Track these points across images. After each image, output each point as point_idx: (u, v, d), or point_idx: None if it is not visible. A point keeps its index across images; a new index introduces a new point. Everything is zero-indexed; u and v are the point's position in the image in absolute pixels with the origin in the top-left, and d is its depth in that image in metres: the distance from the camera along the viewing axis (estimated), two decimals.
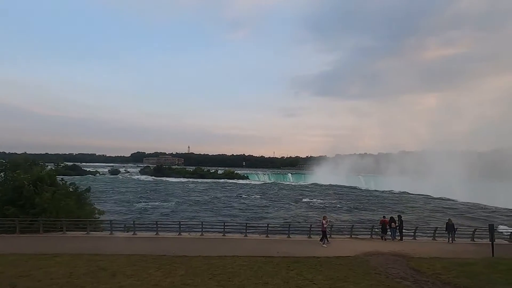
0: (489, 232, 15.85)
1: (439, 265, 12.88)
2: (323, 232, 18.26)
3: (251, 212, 40.45)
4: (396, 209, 43.10)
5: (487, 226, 16.53)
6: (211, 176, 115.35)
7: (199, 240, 19.32)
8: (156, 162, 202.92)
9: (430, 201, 60.22)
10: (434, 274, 11.42)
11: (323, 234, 18.26)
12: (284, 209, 43.40)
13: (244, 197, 57.94)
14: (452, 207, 51.77)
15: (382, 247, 18.07)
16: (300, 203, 50.84)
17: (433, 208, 49.15)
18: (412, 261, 14.58)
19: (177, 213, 37.67)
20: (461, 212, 45.81)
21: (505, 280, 9.43)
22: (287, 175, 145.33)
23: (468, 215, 43.02)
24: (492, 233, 15.76)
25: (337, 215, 39.01)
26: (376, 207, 47.28)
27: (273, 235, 20.70)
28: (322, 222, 18.44)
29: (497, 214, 45.08)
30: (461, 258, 14.40)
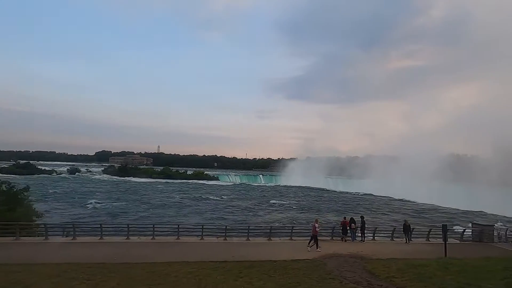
0: (442, 232, 16.02)
1: (395, 267, 12.54)
2: (314, 236, 17.27)
3: (213, 213, 38.97)
4: (360, 210, 44.10)
5: (441, 227, 16.69)
6: (180, 176, 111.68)
7: (149, 244, 17.64)
8: (123, 162, 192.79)
9: (392, 202, 62.77)
10: (389, 277, 10.97)
11: (314, 238, 17.25)
12: (248, 211, 42.45)
13: (211, 198, 56.23)
14: (411, 208, 54.23)
15: (341, 249, 17.69)
16: (266, 205, 50.22)
17: (393, 209, 51.03)
18: (369, 263, 14.20)
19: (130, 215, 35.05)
20: (418, 212, 48.01)
21: (456, 283, 9.13)
22: (258, 176, 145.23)
23: (425, 215, 45.14)
24: (445, 233, 15.94)
25: (302, 216, 38.87)
26: (341, 209, 48.02)
27: (232, 238, 19.58)
28: (314, 226, 17.59)
29: (451, 214, 47.80)
30: (416, 259, 14.28)
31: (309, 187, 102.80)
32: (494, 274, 9.74)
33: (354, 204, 57.15)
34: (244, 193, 68.99)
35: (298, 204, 52.91)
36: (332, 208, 48.64)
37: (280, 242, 19.42)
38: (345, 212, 39.34)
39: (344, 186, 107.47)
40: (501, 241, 21.81)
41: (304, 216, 38.78)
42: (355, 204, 57.12)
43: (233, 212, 40.38)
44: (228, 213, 39.32)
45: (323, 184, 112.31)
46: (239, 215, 38.07)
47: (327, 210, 46.78)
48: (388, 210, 50.26)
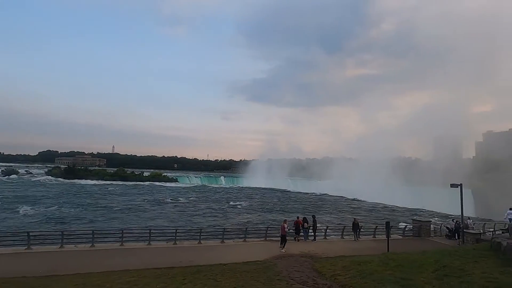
0: (386, 229, 16.91)
1: (341, 265, 12.79)
2: (283, 236, 17.26)
3: (168, 217, 37.05)
4: (315, 209, 45.53)
5: (385, 224, 17.62)
6: (135, 178, 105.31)
7: (87, 253, 15.93)
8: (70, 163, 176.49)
9: (345, 202, 66.05)
10: (333, 275, 11.11)
11: (283, 238, 17.25)
12: (206, 213, 41.28)
13: (167, 201, 53.74)
14: (362, 206, 57.61)
15: (294, 249, 17.79)
16: (225, 207, 49.43)
17: (346, 209, 53.66)
18: (318, 262, 14.40)
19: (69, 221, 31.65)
20: (368, 211, 51.11)
21: (393, 278, 9.49)
22: (220, 178, 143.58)
23: (374, 213, 48.16)
24: (388, 230, 16.84)
25: (258, 217, 38.88)
26: (297, 208, 49.09)
27: (183, 242, 18.61)
28: (282, 226, 17.48)
29: (397, 212, 51.64)
30: (362, 256, 14.78)
31: (270, 188, 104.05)
32: (427, 267, 10.35)
33: (310, 204, 59.04)
34: (203, 195, 67.31)
35: (256, 205, 52.97)
36: (289, 208, 49.50)
37: (233, 244, 18.96)
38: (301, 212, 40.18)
39: (303, 186, 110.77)
40: (437, 235, 23.88)
41: (261, 217, 38.81)
42: (311, 203, 59.04)
43: (189, 215, 38.87)
44: (184, 216, 37.74)
45: (284, 185, 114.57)
46: (196, 218, 36.75)
47: (284, 210, 47.49)
48: (341, 209, 52.73)
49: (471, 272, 9.13)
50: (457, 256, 11.84)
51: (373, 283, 9.24)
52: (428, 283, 8.46)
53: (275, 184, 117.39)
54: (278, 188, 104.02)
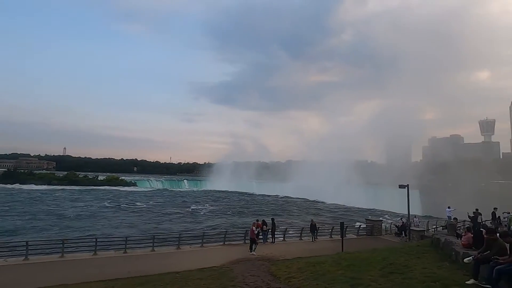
0: (340, 229, 17.44)
1: (296, 267, 12.79)
2: (253, 239, 17.15)
3: (119, 224, 34.52)
4: (277, 211, 46.02)
5: (339, 224, 18.17)
6: (88, 182, 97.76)
7: (19, 267, 14.08)
8: (13, 166, 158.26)
9: (306, 203, 67.91)
10: (288, 278, 11.02)
11: (252, 241, 17.15)
12: (165, 219, 39.48)
13: (123, 206, 50.50)
14: (322, 208, 59.68)
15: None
16: (186, 211, 47.83)
17: (306, 210, 55.12)
18: (275, 265, 14.29)
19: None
20: (328, 211, 53.07)
21: (344, 277, 9.64)
22: (183, 181, 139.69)
23: (332, 214, 50.08)
24: (342, 230, 17.39)
25: (220, 221, 38.17)
26: (260, 211, 49.22)
27: (135, 250, 17.37)
28: (252, 229, 17.37)
29: (353, 212, 54.28)
30: (317, 257, 15.00)
31: (234, 191, 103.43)
32: (375, 265, 10.72)
33: (273, 206, 59.64)
34: (164, 200, 64.55)
35: (220, 209, 52.12)
36: (252, 211, 49.42)
37: (190, 250, 18.19)
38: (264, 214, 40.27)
39: (267, 189, 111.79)
40: (387, 233, 25.35)
41: (223, 221, 38.15)
42: (273, 206, 59.64)
43: (146, 221, 36.75)
44: (140, 223, 35.55)
45: (248, 187, 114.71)
46: (153, 224, 34.85)
47: (247, 213, 47.28)
48: (302, 210, 54.02)
49: (414, 268, 9.62)
50: (402, 253, 12.50)
51: (324, 284, 9.30)
52: (374, 281, 8.70)
53: (240, 187, 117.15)
54: (243, 191, 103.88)
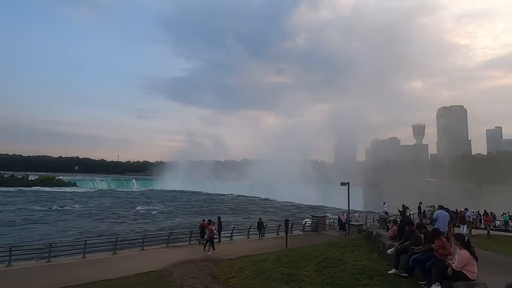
0: (285, 226, 17.76)
1: (238, 266, 12.61)
2: (210, 238, 16.95)
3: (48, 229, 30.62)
4: (228, 210, 45.67)
5: (284, 221, 18.50)
6: (16, 183, 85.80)
7: None
8: None
9: (258, 201, 68.87)
10: (228, 278, 10.80)
11: (210, 240, 16.97)
12: (101, 221, 36.29)
13: (57, 208, 45.30)
14: (273, 206, 61.01)
15: (196, 254, 16.98)
16: (131, 212, 44.77)
17: (258, 208, 55.84)
18: (218, 265, 13.95)
19: None
20: (278, 209, 54.39)
21: (281, 274, 9.72)
22: (132, 181, 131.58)
23: (283, 212, 51.46)
24: (286, 227, 17.73)
25: (168, 222, 36.44)
26: (212, 210, 48.38)
27: (60, 258, 15.45)
28: (210, 228, 17.08)
29: (302, 209, 56.43)
30: (261, 254, 15.04)
31: (187, 191, 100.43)
32: (313, 260, 11.02)
33: (225, 205, 59.19)
34: (107, 201, 59.62)
35: (169, 209, 49.87)
36: (204, 211, 48.27)
37: (127, 255, 16.83)
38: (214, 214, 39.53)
39: (221, 188, 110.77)
40: (331, 228, 26.70)
41: (169, 222, 36.49)
42: (226, 205, 59.21)
43: (80, 225, 33.29)
44: (74, 227, 32.08)
45: (202, 187, 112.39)
46: (89, 227, 31.73)
47: (199, 213, 46.00)
48: (253, 208, 54.53)
49: (346, 261, 10.06)
50: (339, 247, 13.11)
51: (261, 282, 9.25)
52: (308, 277, 8.89)
53: (194, 186, 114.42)
54: (197, 190, 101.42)
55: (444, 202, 30.34)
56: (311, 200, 69.68)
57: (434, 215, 11.59)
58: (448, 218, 11.48)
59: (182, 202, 62.91)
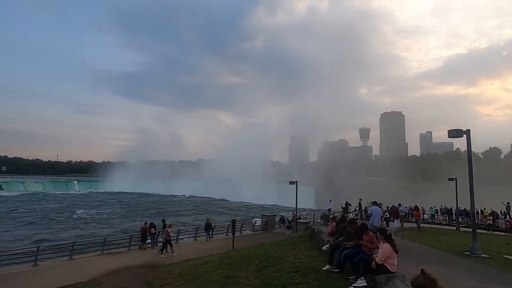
0: (232, 226, 17.38)
1: (178, 271, 11.88)
2: (168, 241, 16.41)
3: None
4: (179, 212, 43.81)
5: (231, 222, 18.09)
6: None
7: None
8: None
9: (213, 202, 67.62)
10: (163, 285, 10.07)
11: (168, 243, 16.45)
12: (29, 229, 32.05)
13: None
14: (227, 206, 60.40)
15: (135, 260, 15.67)
16: (66, 217, 40.35)
17: (211, 209, 54.76)
18: (156, 272, 12.99)
19: None
20: (232, 209, 53.97)
21: (219, 278, 9.33)
22: (72, 183, 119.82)
23: (236, 212, 51.17)
24: (233, 227, 17.36)
25: (108, 227, 33.45)
26: (158, 213, 45.71)
27: None
28: (167, 231, 16.49)
29: (256, 209, 56.81)
30: (205, 257, 14.43)
31: (137, 192, 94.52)
32: (254, 260, 10.79)
33: (175, 206, 56.81)
34: (40, 205, 52.97)
35: (112, 213, 46.06)
36: (152, 214, 45.57)
37: (52, 266, 14.83)
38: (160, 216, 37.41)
39: (174, 189, 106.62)
40: (280, 227, 27.06)
41: (110, 227, 33.65)
42: (177, 206, 56.88)
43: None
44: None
45: (154, 188, 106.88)
46: (8, 236, 27.63)
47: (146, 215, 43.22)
48: (206, 209, 53.29)
49: (286, 259, 10.02)
50: (283, 245, 13.13)
51: (196, 287, 8.69)
52: (246, 278, 8.59)
53: (145, 187, 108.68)
54: (147, 192, 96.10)
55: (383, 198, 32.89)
56: (267, 199, 70.55)
57: (369, 211, 12.24)
58: (381, 213, 12.20)
59: (129, 204, 58.82)
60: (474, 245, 10.30)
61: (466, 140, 10.79)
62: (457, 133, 10.64)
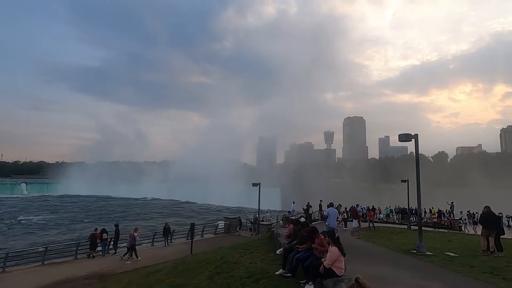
0: (190, 230, 16.69)
1: (127, 281, 11.04)
2: (132, 246, 15.63)
3: None
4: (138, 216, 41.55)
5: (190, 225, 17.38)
6: None
7: None
8: None
9: (176, 205, 65.32)
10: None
11: (132, 248, 15.64)
12: None
13: None
14: (192, 209, 58.69)
15: (81, 270, 14.31)
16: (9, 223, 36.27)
17: (175, 212, 52.81)
18: (104, 282, 11.97)
19: None
20: (197, 212, 52.56)
21: (169, 287, 8.59)
22: (19, 185, 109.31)
23: (200, 215, 49.87)
24: (192, 231, 16.68)
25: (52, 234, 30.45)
26: (115, 217, 42.97)
27: None
28: (132, 235, 15.66)
29: (222, 211, 55.97)
30: (159, 264, 13.65)
31: (94, 195, 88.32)
32: (209, 266, 10.32)
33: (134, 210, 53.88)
34: None
35: (62, 218, 42.24)
36: (110, 218, 42.74)
37: None
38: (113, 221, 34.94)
39: (136, 192, 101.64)
40: (244, 229, 26.75)
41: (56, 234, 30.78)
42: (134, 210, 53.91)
43: None
44: None
45: (114, 191, 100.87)
46: None
47: (102, 220, 40.44)
48: (168, 213, 51.22)
49: (242, 264, 9.71)
50: (242, 249, 12.82)
51: None
52: (198, 286, 8.16)
53: (104, 190, 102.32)
54: (107, 195, 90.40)
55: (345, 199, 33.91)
56: (233, 202, 69.75)
57: (325, 212, 12.42)
58: (337, 214, 12.45)
59: (84, 208, 54.61)
60: (420, 244, 10.86)
61: (414, 144, 11.39)
62: (406, 137, 11.18)
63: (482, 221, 11.42)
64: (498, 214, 13.29)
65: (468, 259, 9.94)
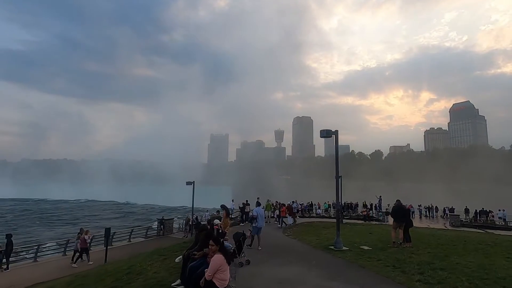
0: (105, 237, 14.78)
1: None
2: (84, 249, 14.64)
3: None
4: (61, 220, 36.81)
5: (104, 231, 15.35)
6: None
7: None
8: None
9: (115, 206, 60.14)
10: None
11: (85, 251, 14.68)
12: None
13: None
14: (131, 211, 54.41)
15: None
16: None
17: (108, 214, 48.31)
18: None
19: None
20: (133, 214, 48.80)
21: None
22: None
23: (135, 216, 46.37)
24: (107, 238, 14.79)
25: None
26: (32, 224, 37.44)
27: None
28: (83, 238, 14.57)
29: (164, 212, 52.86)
30: (59, 279, 11.66)
31: (13, 198, 76.72)
32: (108, 279, 8.81)
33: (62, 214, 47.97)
34: None
35: None
36: (26, 224, 37.15)
37: None
38: (25, 227, 30.63)
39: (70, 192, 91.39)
40: (180, 231, 25.25)
41: None
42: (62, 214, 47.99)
43: None
44: None
45: (41, 192, 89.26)
46: None
47: (19, 226, 34.95)
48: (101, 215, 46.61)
49: (146, 274, 8.52)
50: (158, 255, 11.58)
51: None
52: None
53: (28, 192, 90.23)
54: (31, 197, 79.39)
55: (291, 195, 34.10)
56: (178, 201, 66.74)
57: (254, 212, 11.79)
58: (263, 213, 11.94)
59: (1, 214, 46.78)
60: (337, 239, 10.95)
61: (335, 140, 11.43)
62: (327, 133, 11.16)
63: (392, 214, 12.00)
64: (407, 206, 14.19)
65: (378, 251, 10.27)
